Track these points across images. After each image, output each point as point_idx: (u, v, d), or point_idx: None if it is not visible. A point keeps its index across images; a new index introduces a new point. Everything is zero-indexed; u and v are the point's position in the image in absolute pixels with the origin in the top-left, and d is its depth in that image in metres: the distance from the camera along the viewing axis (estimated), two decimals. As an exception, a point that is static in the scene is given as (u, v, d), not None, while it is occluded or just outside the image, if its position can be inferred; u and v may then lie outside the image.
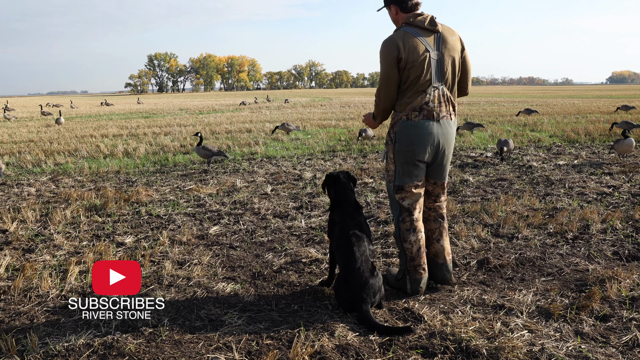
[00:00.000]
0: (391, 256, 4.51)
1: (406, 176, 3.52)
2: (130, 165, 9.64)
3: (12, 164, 10.23)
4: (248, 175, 8.30)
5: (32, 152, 11.37)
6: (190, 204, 6.55)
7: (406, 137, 3.43)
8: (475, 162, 9.17)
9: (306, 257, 4.49)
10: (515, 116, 19.24)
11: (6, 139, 14.70)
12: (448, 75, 3.43)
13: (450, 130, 3.52)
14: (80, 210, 6.15)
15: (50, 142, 13.40)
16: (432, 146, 3.45)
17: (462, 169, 8.61)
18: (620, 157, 9.31)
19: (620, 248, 4.59)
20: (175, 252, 4.68)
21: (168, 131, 15.76)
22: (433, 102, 3.38)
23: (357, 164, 9.17)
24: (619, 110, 21.01)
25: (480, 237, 4.95)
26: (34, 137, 15.16)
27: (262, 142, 12.47)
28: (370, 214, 5.87)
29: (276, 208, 6.22)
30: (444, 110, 3.44)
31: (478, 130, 13.85)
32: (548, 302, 3.46)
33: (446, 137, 3.49)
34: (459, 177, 7.87)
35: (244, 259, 4.55)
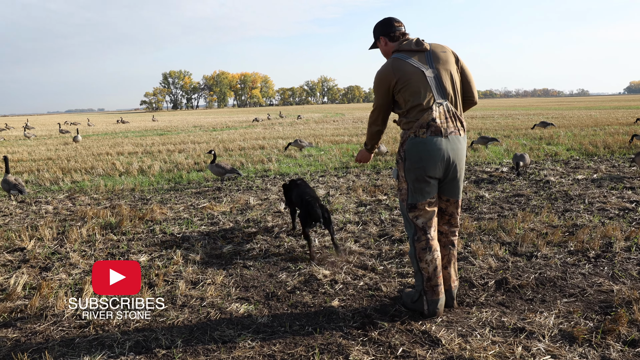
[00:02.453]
0: (406, 276, 4.43)
1: (418, 193, 3.49)
2: (145, 183, 9.67)
3: (31, 181, 10.33)
4: (261, 193, 8.27)
5: (50, 170, 11.50)
6: (204, 222, 6.52)
7: (415, 154, 3.42)
8: (490, 178, 9.07)
9: (320, 277, 4.43)
10: (530, 129, 19.09)
11: (26, 157, 14.87)
12: (449, 90, 3.44)
13: (460, 146, 3.50)
14: (96, 229, 6.15)
15: (68, 160, 13.53)
16: (442, 162, 3.42)
17: (478, 184, 8.52)
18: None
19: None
20: (189, 271, 4.64)
21: (182, 148, 15.83)
22: (440, 118, 3.38)
23: (371, 181, 9.11)
24: (638, 121, 20.75)
25: (498, 256, 4.86)
26: (53, 155, 15.33)
27: (275, 159, 12.46)
28: (384, 231, 5.80)
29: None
30: (451, 126, 3.42)
31: (493, 145, 13.73)
32: (571, 326, 3.36)
33: (456, 153, 3.47)
34: (474, 193, 7.77)
35: (258, 278, 4.50)
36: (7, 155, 12.12)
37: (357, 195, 7.86)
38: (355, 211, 6.87)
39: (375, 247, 5.25)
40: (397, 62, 3.44)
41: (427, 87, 3.38)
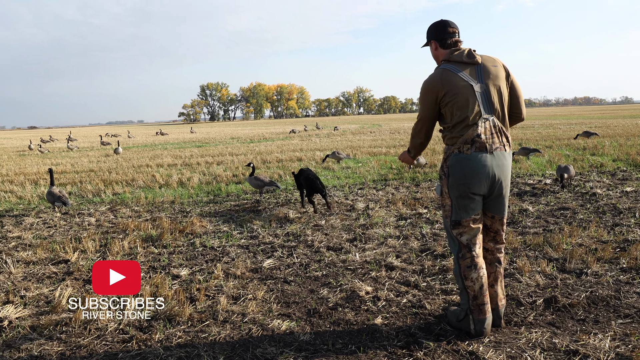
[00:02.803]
0: (451, 293, 4.33)
1: (462, 210, 3.41)
2: (184, 195, 9.77)
3: (74, 193, 10.55)
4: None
5: (93, 182, 11.75)
6: (243, 235, 6.53)
7: (459, 171, 3.35)
8: (533, 190, 8.85)
9: (362, 293, 4.36)
10: (573, 139, 18.63)
11: (69, 169, 15.25)
12: (497, 105, 3.36)
13: (505, 162, 3.41)
14: (137, 241, 6.22)
15: (109, 172, 13.81)
16: (487, 179, 3.34)
17: (521, 197, 8.32)
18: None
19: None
20: (229, 286, 4.63)
21: (220, 160, 15.98)
22: (485, 134, 3.30)
23: (410, 193, 8.99)
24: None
25: (546, 273, 4.70)
26: (94, 166, 15.68)
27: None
28: (426, 246, 5.70)
29: (329, 240, 6.12)
30: (496, 141, 3.34)
31: (534, 156, 13.44)
32: (629, 349, 3.20)
33: (501, 169, 3.38)
34: (517, 206, 7.58)
35: (299, 294, 4.46)
36: (51, 167, 12.43)
37: (396, 208, 7.76)
38: (395, 225, 6.78)
39: (417, 263, 5.15)
40: (446, 74, 3.36)
41: (474, 102, 3.30)
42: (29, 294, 4.56)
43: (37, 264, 5.52)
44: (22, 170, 15.41)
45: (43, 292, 4.60)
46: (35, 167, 16.43)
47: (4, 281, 4.95)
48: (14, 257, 5.75)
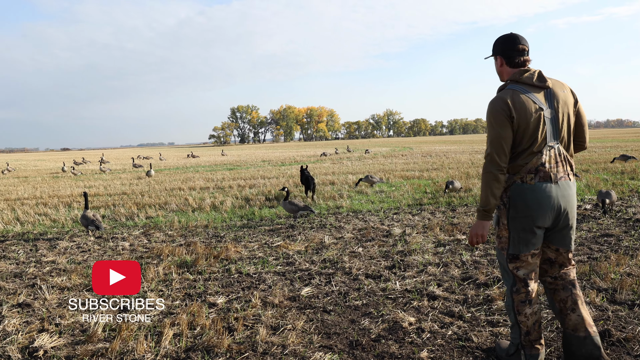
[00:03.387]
0: (497, 325, 4.14)
1: (522, 244, 3.20)
2: (218, 219, 9.74)
3: (107, 216, 10.62)
4: (335, 231, 8.13)
5: (126, 205, 11.83)
6: (279, 261, 6.43)
7: (522, 202, 3.14)
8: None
9: (405, 324, 4.20)
10: (610, 163, 18.17)
11: (102, 192, 15.42)
12: (564, 132, 3.18)
13: (571, 192, 3.20)
14: (172, 267, 6.17)
15: (142, 195, 13.91)
16: (552, 211, 3.13)
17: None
18: None
19: None
20: (268, 315, 4.53)
21: (252, 184, 15.99)
22: (549, 162, 3.12)
23: (447, 218, 8.81)
24: None
25: (595, 304, 4.48)
26: (127, 189, 15.83)
27: (347, 195, 12.33)
28: (467, 274, 5.51)
29: (368, 267, 5.97)
30: (561, 170, 3.16)
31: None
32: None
33: (567, 200, 3.17)
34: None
35: (339, 324, 4.32)
36: (86, 190, 12.58)
37: (434, 234, 7.59)
38: (434, 252, 6.60)
39: (459, 292, 4.97)
40: (517, 97, 3.12)
41: (543, 128, 3.11)
42: (64, 321, 4.51)
43: (72, 289, 5.49)
44: (55, 192, 15.64)
45: (78, 320, 4.54)
46: (69, 189, 16.67)
47: (39, 308, 4.92)
48: (49, 283, 5.74)
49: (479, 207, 3.21)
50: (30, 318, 4.64)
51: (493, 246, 4.11)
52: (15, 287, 5.65)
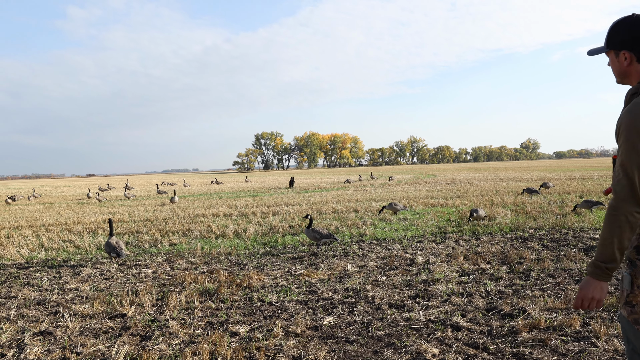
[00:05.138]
0: (522, 357, 4.04)
1: None
2: (240, 247, 9.75)
3: (131, 243, 10.72)
4: (359, 260, 8.08)
5: (149, 232, 11.92)
6: (302, 290, 6.39)
7: None
8: (604, 246, 8.39)
9: (429, 356, 4.13)
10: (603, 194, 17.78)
11: (126, 218, 15.60)
12: None
13: None
14: (195, 295, 6.17)
15: (166, 222, 14.03)
16: None
17: (587, 252, 7.89)
18: None
19: None
20: (290, 345, 4.49)
21: (276, 211, 16.03)
22: None
23: (471, 247, 8.70)
24: None
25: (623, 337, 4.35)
26: (151, 216, 15.99)
27: (370, 223, 12.27)
28: (492, 305, 5.40)
29: (391, 297, 5.91)
30: None
31: (598, 209, 12.88)
32: None
33: None
34: (584, 262, 7.19)
35: (362, 355, 4.27)
36: (111, 217, 12.73)
37: (458, 263, 7.49)
38: (458, 281, 6.51)
39: (484, 323, 4.88)
40: None
41: None
42: (85, 350, 4.53)
43: (94, 317, 5.52)
44: (80, 219, 15.86)
45: (100, 349, 4.56)
46: (94, 215, 16.90)
47: (60, 336, 4.95)
48: (71, 310, 5.78)
49: (595, 261, 2.33)
50: (52, 346, 4.67)
51: (615, 314, 3.72)
52: (38, 314, 5.70)
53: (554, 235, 9.64)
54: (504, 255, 7.91)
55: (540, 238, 9.42)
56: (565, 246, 8.49)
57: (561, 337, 4.44)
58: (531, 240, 9.27)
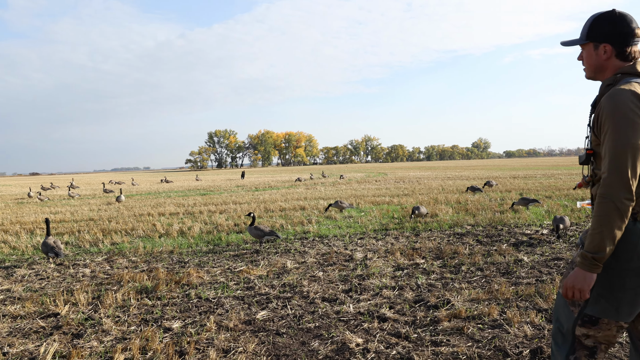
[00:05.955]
0: (440, 344, 4.28)
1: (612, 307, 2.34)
2: (184, 245, 9.78)
3: (71, 243, 10.57)
4: (299, 256, 8.25)
5: (91, 232, 11.76)
6: (239, 286, 6.52)
7: (631, 250, 2.29)
8: (530, 240, 8.83)
9: (353, 345, 4.33)
10: (572, 190, 18.63)
11: (68, 218, 15.29)
12: None
13: None
14: (131, 293, 6.21)
15: (109, 221, 13.86)
16: None
17: (517, 247, 8.30)
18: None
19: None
20: (221, 338, 4.61)
21: (223, 209, 16.05)
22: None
23: (410, 243, 9.00)
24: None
25: (534, 324, 4.68)
26: (95, 215, 15.73)
27: (315, 221, 12.47)
28: (420, 297, 5.66)
29: (325, 291, 6.10)
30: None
31: (534, 206, 13.45)
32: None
33: None
34: (513, 256, 7.57)
35: (290, 346, 4.43)
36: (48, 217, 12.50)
37: (394, 258, 7.76)
38: (392, 275, 6.76)
39: (410, 314, 5.13)
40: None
41: None
42: (12, 350, 4.51)
43: (25, 318, 5.47)
44: (18, 219, 15.41)
45: (28, 348, 4.55)
46: (33, 215, 16.49)
47: (-11, 336, 4.91)
48: (0, 312, 5.72)
49: (585, 252, 2.28)
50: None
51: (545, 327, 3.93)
52: (-34, 316, 5.62)
53: (490, 231, 10.05)
54: (440, 250, 8.22)
55: (477, 234, 9.81)
56: (498, 241, 8.88)
57: (478, 325, 4.73)
58: (467, 236, 9.64)
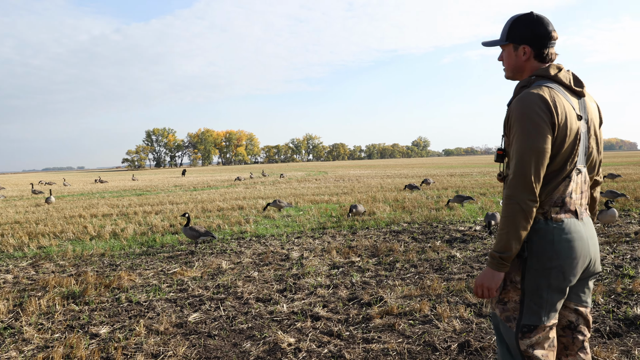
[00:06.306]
0: (371, 342, 4.32)
1: (545, 309, 2.32)
2: (116, 247, 9.49)
3: (-5, 247, 10.05)
4: (235, 257, 8.16)
5: (16, 235, 11.17)
6: (172, 288, 6.38)
7: (550, 248, 2.28)
8: (463, 237, 9.07)
9: (285, 345, 4.31)
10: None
11: (-7, 221, 14.56)
12: (594, 154, 2.48)
13: (594, 231, 2.48)
14: (57, 299, 5.96)
15: (37, 223, 13.26)
16: (583, 258, 2.34)
17: (450, 244, 8.50)
18: (605, 228, 9.27)
19: (601, 324, 4.49)
20: (150, 343, 4.50)
21: (159, 210, 15.70)
22: (575, 191, 2.37)
23: (346, 241, 9.06)
24: (605, 178, 21.14)
25: (463, 318, 4.81)
26: (21, 217, 15.00)
27: (253, 220, 12.38)
28: (354, 295, 5.71)
29: (260, 291, 6.06)
30: (583, 202, 2.42)
31: (469, 203, 13.82)
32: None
33: (594, 241, 2.43)
34: (446, 252, 7.75)
35: (221, 348, 4.37)
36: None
37: (330, 257, 7.79)
38: (327, 274, 6.79)
39: (343, 312, 5.16)
40: (557, 97, 2.30)
41: (578, 145, 2.34)
42: None
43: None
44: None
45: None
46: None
47: None
48: None
49: (493, 252, 2.29)
50: None
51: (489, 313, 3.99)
52: None
53: (425, 229, 10.24)
54: (376, 248, 8.31)
55: (412, 231, 9.98)
56: (432, 238, 9.07)
57: (410, 321, 4.80)
58: (403, 233, 9.80)
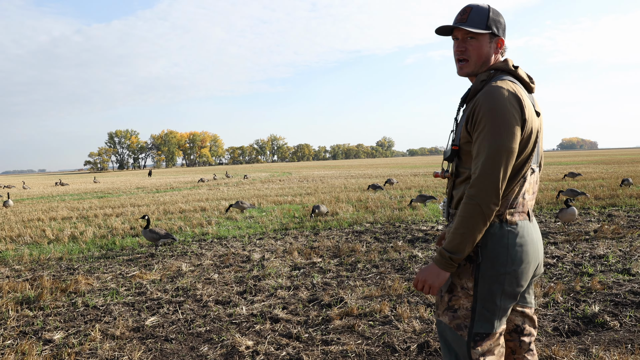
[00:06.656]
0: (330, 343, 4.34)
1: (497, 316, 2.21)
2: (74, 251, 9.30)
3: (-51, 253, 9.74)
4: (195, 259, 8.08)
5: (-28, 240, 10.87)
6: (130, 292, 6.29)
7: (504, 253, 2.15)
8: (425, 236, 9.16)
9: (242, 349, 4.29)
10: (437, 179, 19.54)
11: (-52, 226, 14.10)
12: (542, 152, 2.35)
13: (540, 232, 2.40)
14: (10, 304, 5.81)
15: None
16: (535, 261, 2.26)
17: (412, 243, 8.58)
18: (565, 226, 9.48)
19: (560, 323, 4.57)
20: (105, 348, 4.42)
21: (120, 212, 15.45)
22: (528, 192, 2.25)
23: (308, 242, 9.07)
24: (566, 177, 21.69)
25: (423, 318, 4.85)
26: (-22, 222, 14.60)
27: (215, 222, 12.28)
28: (314, 296, 5.72)
29: (219, 294, 6.01)
30: (533, 203, 2.32)
31: (431, 203, 13.98)
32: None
33: (541, 242, 2.36)
34: (408, 252, 7.82)
35: (178, 352, 4.33)
36: None
37: (292, 258, 7.79)
38: (288, 275, 6.78)
39: (303, 314, 5.16)
40: (523, 92, 2.18)
41: (536, 143, 2.21)
42: None
43: None
44: None
45: None
46: None
47: None
48: None
49: (443, 250, 2.15)
50: None
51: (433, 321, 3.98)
52: None
53: (388, 229, 10.32)
54: (337, 249, 8.33)
55: (375, 231, 10.04)
56: (394, 238, 9.14)
57: (370, 322, 4.83)
58: (366, 233, 9.85)
